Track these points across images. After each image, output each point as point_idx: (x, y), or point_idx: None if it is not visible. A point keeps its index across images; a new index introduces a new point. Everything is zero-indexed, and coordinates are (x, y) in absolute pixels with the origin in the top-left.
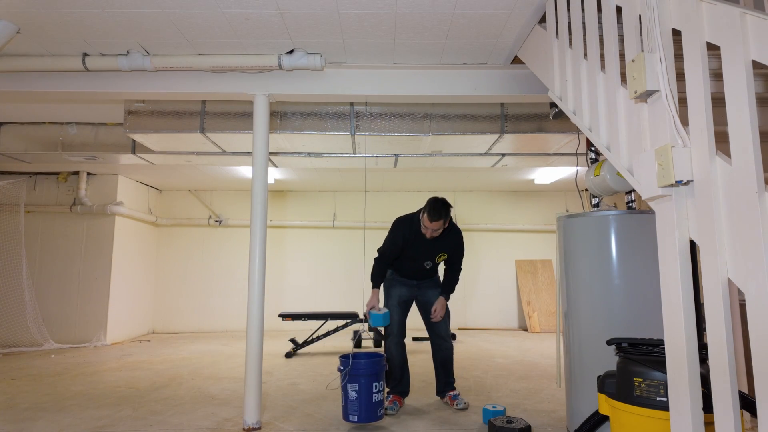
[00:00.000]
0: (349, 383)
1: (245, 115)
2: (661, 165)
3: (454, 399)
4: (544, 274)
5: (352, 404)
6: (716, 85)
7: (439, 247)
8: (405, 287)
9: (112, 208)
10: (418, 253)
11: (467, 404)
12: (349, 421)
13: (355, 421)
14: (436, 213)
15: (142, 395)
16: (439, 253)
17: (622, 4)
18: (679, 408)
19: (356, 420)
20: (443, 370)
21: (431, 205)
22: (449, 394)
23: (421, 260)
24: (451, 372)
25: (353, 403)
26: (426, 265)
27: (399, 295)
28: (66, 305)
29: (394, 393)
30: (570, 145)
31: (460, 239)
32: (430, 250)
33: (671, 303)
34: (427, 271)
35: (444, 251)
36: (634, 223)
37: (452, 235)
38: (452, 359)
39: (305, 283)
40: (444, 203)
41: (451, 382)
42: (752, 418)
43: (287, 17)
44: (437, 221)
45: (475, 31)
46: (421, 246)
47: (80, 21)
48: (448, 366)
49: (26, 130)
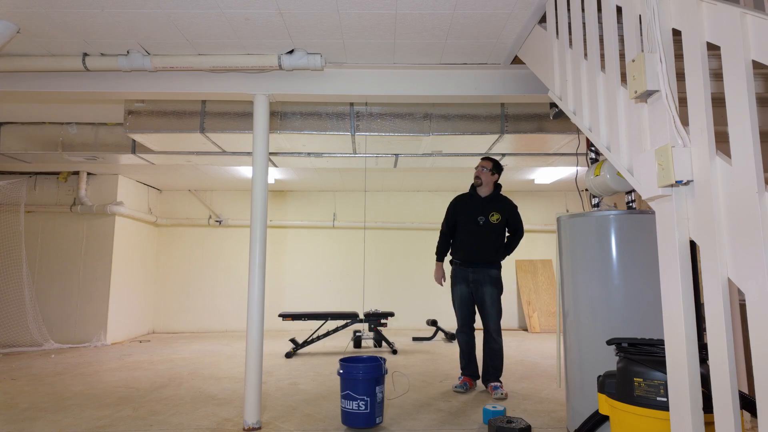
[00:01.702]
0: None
1: (245, 115)
2: (661, 165)
3: (495, 389)
4: (544, 274)
5: (351, 411)
6: (716, 85)
7: (490, 207)
8: (464, 284)
9: (112, 208)
10: (473, 211)
11: (505, 394)
12: (350, 426)
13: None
14: (487, 157)
15: (142, 395)
16: (491, 212)
17: (622, 4)
18: (679, 408)
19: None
20: (490, 362)
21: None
22: (491, 384)
23: (475, 216)
24: (498, 366)
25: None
26: (479, 220)
27: (460, 295)
28: (66, 305)
29: (464, 374)
30: (570, 145)
31: (513, 206)
32: (482, 207)
33: (671, 303)
34: (483, 232)
35: (496, 211)
36: (634, 223)
37: (503, 200)
38: (500, 355)
39: (305, 283)
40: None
41: (497, 375)
42: (752, 418)
43: (287, 17)
44: (487, 161)
45: (475, 31)
46: (474, 205)
47: (80, 21)
48: (495, 360)
49: (26, 130)
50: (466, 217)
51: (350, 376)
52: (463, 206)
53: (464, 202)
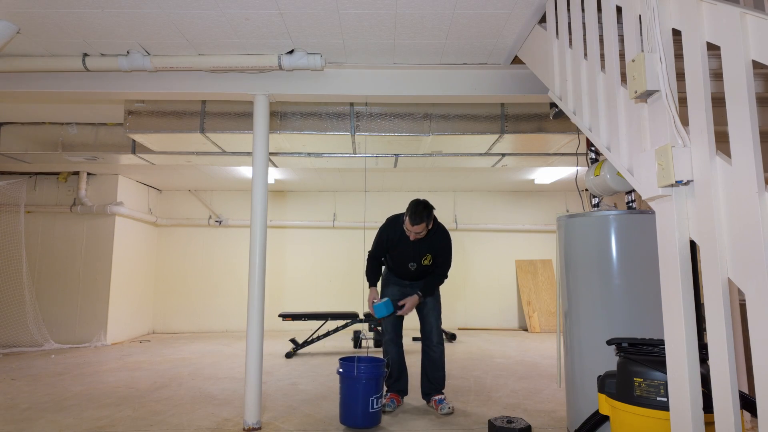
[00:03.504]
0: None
1: (245, 115)
2: (661, 165)
3: (439, 403)
4: (544, 274)
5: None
6: (716, 85)
7: (424, 248)
8: (398, 287)
9: (112, 208)
10: (403, 254)
11: (451, 408)
12: (347, 425)
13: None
14: (417, 216)
15: (142, 395)
16: (425, 255)
17: (622, 4)
18: (679, 408)
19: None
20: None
21: (412, 209)
22: (434, 398)
23: (407, 261)
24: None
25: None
26: (410, 267)
27: (391, 295)
28: (66, 305)
29: (391, 391)
30: (570, 145)
31: (446, 241)
32: (414, 251)
33: (671, 303)
34: (414, 273)
35: (429, 252)
36: (634, 223)
37: (438, 236)
38: (442, 365)
39: (305, 283)
40: (426, 206)
41: (438, 387)
42: (752, 418)
43: (287, 17)
44: (419, 224)
45: (475, 31)
46: (405, 247)
47: (80, 21)
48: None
49: (26, 130)
50: (396, 257)
51: (350, 375)
52: (396, 243)
53: (396, 238)
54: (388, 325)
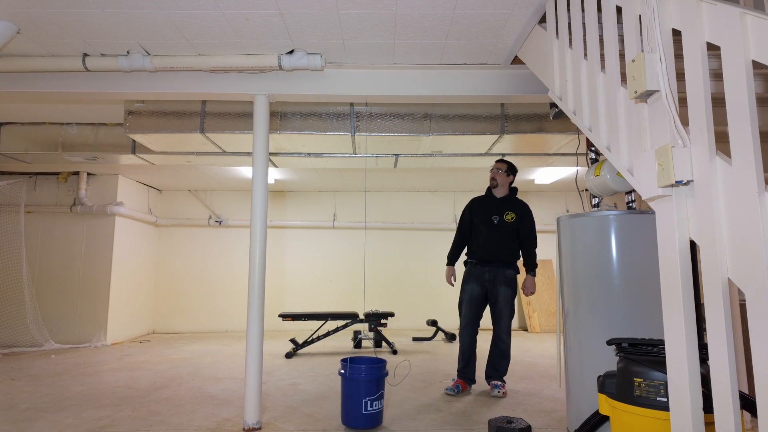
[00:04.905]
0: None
1: (245, 115)
2: (661, 165)
3: (495, 387)
4: (544, 274)
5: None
6: (716, 85)
7: (505, 207)
8: (477, 284)
9: (112, 208)
10: (488, 210)
11: (503, 393)
12: (348, 426)
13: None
14: (501, 159)
15: (142, 395)
16: (506, 211)
17: (622, 4)
18: (679, 408)
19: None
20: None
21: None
22: (493, 381)
23: (490, 215)
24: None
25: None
26: (494, 219)
27: (471, 293)
28: (66, 305)
29: (459, 377)
30: (570, 145)
31: (527, 209)
32: (497, 207)
33: (671, 303)
34: (497, 231)
35: (510, 210)
36: (634, 223)
37: (519, 202)
38: (507, 356)
39: (305, 283)
40: None
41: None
42: (752, 418)
43: (287, 17)
44: (501, 162)
45: (475, 32)
46: (490, 203)
47: (80, 21)
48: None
49: (26, 131)
50: (481, 217)
51: (351, 376)
52: (479, 207)
53: (479, 203)
54: (466, 320)
